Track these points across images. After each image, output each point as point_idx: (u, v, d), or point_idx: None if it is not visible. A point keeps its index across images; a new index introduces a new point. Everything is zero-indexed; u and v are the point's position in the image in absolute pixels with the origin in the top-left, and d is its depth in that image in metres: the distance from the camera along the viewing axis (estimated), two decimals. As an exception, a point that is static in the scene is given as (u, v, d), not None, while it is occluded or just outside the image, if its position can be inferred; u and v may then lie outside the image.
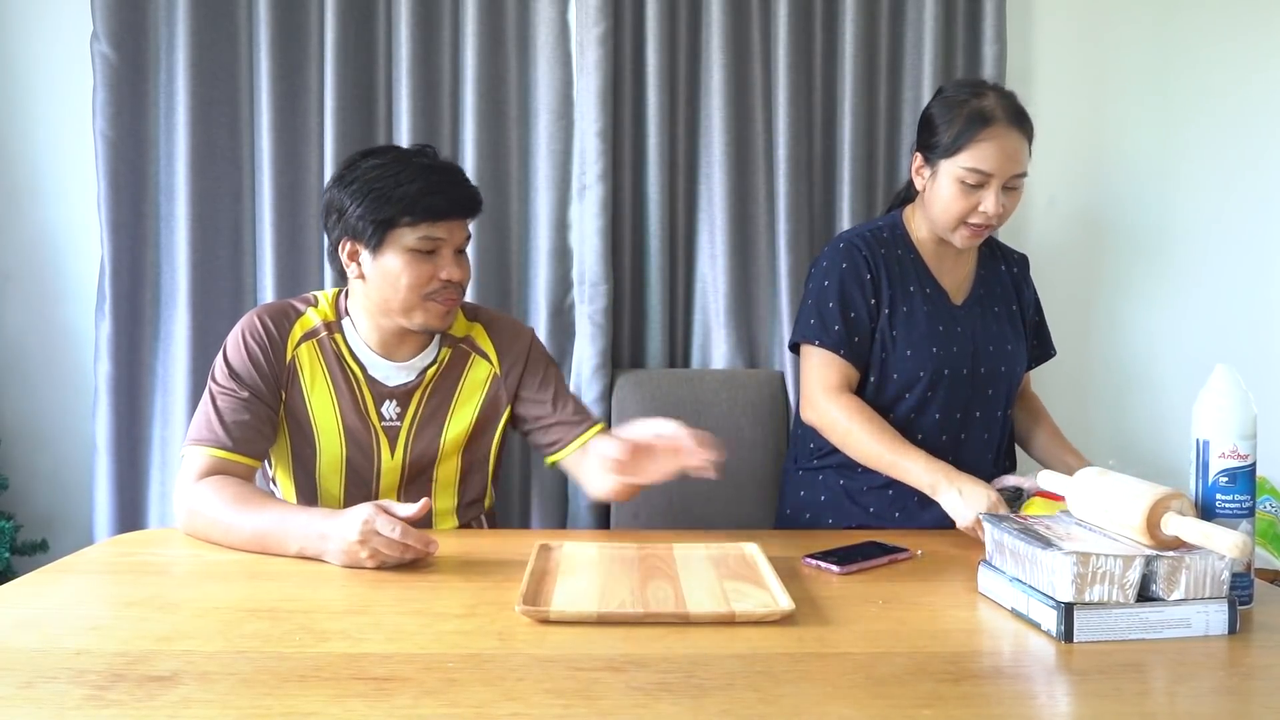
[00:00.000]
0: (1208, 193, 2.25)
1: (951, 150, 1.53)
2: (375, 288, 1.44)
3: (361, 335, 1.49)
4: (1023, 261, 1.77)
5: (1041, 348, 1.79)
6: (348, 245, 1.44)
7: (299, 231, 2.06)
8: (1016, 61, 2.16)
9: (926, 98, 2.09)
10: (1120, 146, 2.25)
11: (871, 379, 1.61)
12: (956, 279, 1.65)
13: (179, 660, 0.91)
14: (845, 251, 1.63)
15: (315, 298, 1.54)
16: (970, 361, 1.60)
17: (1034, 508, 1.36)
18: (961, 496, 1.39)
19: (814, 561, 1.25)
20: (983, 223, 1.55)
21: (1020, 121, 1.54)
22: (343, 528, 1.20)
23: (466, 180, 1.46)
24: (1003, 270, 1.71)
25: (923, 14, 2.10)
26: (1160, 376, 2.24)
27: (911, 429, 1.59)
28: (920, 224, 1.65)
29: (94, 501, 2.03)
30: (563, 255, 2.10)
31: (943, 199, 1.56)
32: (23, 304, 2.13)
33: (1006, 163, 1.51)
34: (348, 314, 1.51)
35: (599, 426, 1.54)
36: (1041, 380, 2.20)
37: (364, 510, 1.20)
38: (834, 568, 1.23)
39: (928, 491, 1.44)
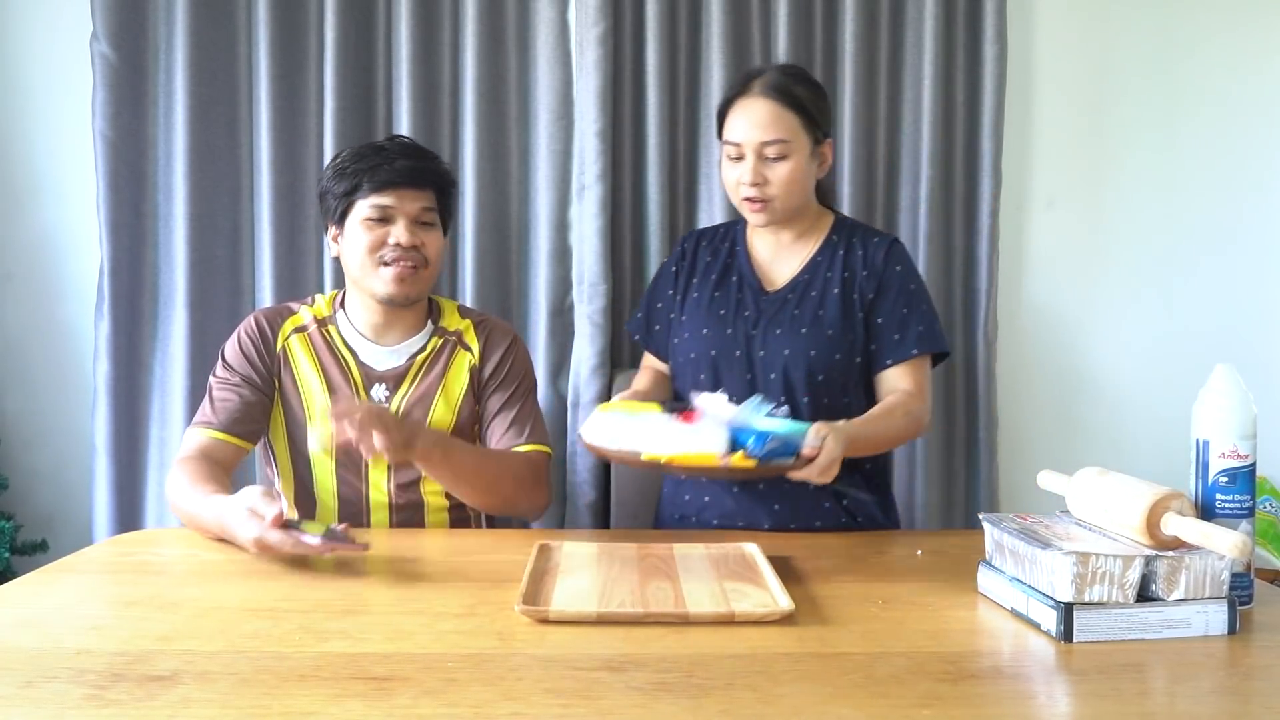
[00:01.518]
0: (1207, 192, 2.25)
1: (719, 129, 1.59)
2: (347, 262, 1.55)
3: (354, 323, 1.59)
4: (880, 245, 1.60)
5: (897, 344, 1.56)
6: (331, 229, 1.58)
7: (298, 232, 2.06)
8: (1016, 61, 2.16)
9: (927, 98, 2.10)
10: (1120, 146, 2.24)
11: (670, 364, 1.69)
12: (783, 269, 1.63)
13: (179, 660, 0.91)
14: (676, 247, 1.75)
15: (313, 298, 1.65)
16: (745, 345, 1.58)
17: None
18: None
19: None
20: (751, 196, 1.53)
21: (777, 93, 1.51)
22: (239, 529, 1.22)
23: (420, 155, 1.56)
24: (842, 255, 1.60)
25: (923, 14, 2.10)
26: (1160, 376, 2.24)
27: None
28: None
29: (93, 501, 2.03)
30: (562, 255, 2.10)
31: (722, 176, 1.59)
32: (22, 304, 2.13)
33: (752, 130, 1.51)
34: (343, 308, 1.61)
35: (530, 448, 1.56)
36: (1041, 380, 2.21)
37: (249, 525, 1.20)
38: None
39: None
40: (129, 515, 2.04)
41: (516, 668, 0.90)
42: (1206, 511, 1.07)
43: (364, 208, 1.51)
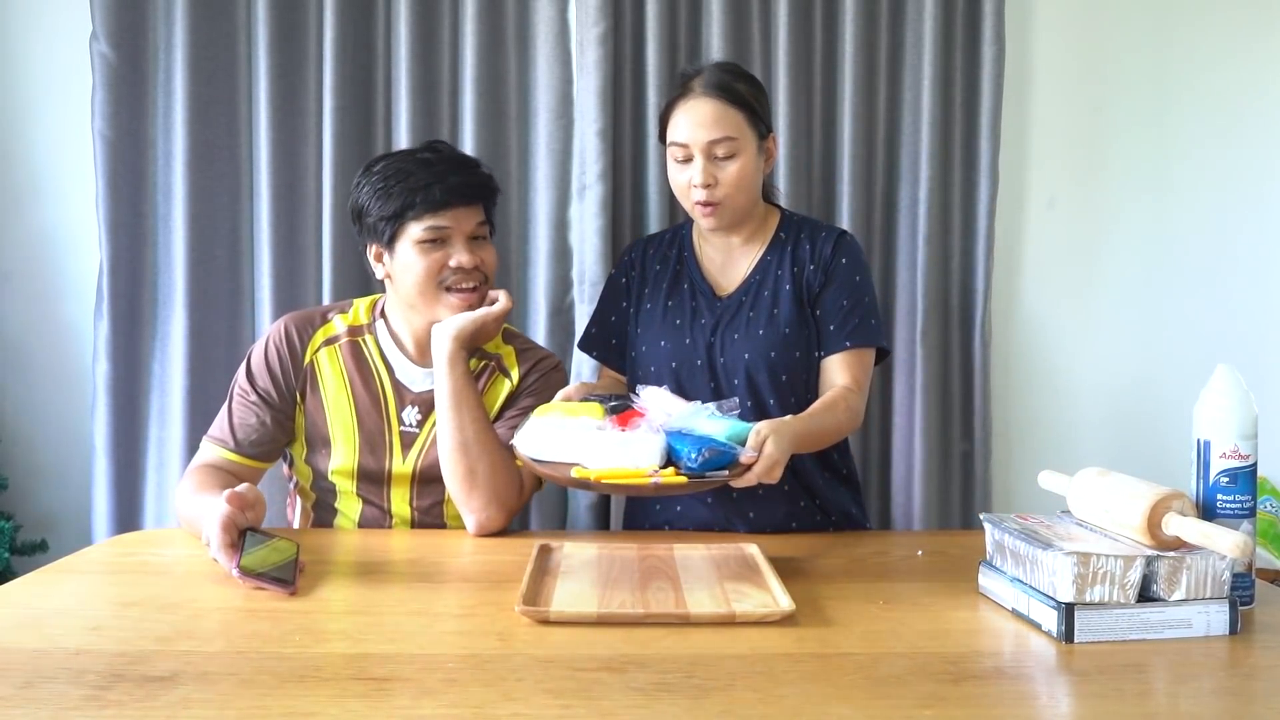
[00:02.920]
0: (1207, 193, 2.25)
1: (663, 132, 1.55)
2: (399, 285, 1.48)
3: (395, 334, 1.53)
4: (828, 239, 1.58)
5: (833, 334, 1.54)
6: (373, 248, 1.49)
7: (297, 231, 2.05)
8: (1016, 61, 2.16)
9: (926, 98, 2.10)
10: (1118, 147, 2.24)
11: (628, 378, 1.65)
12: (733, 273, 1.61)
13: (179, 660, 0.91)
14: (620, 258, 1.72)
15: (349, 305, 1.58)
16: (705, 353, 1.56)
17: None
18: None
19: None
20: (701, 199, 1.49)
21: (719, 90, 1.48)
22: (209, 533, 1.18)
23: (472, 168, 1.49)
24: (788, 251, 1.58)
25: (923, 14, 2.10)
26: (1161, 376, 2.24)
27: None
28: None
29: (93, 501, 2.03)
30: (563, 255, 2.10)
31: (670, 179, 1.56)
32: (22, 304, 2.13)
33: (697, 130, 1.48)
34: (383, 316, 1.55)
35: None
36: (1041, 381, 2.21)
37: (214, 532, 1.17)
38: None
39: None
40: (128, 515, 2.04)
41: (517, 668, 0.90)
42: (1207, 512, 1.07)
43: (417, 230, 1.43)
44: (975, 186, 2.15)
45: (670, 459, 1.16)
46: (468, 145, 2.05)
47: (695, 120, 1.49)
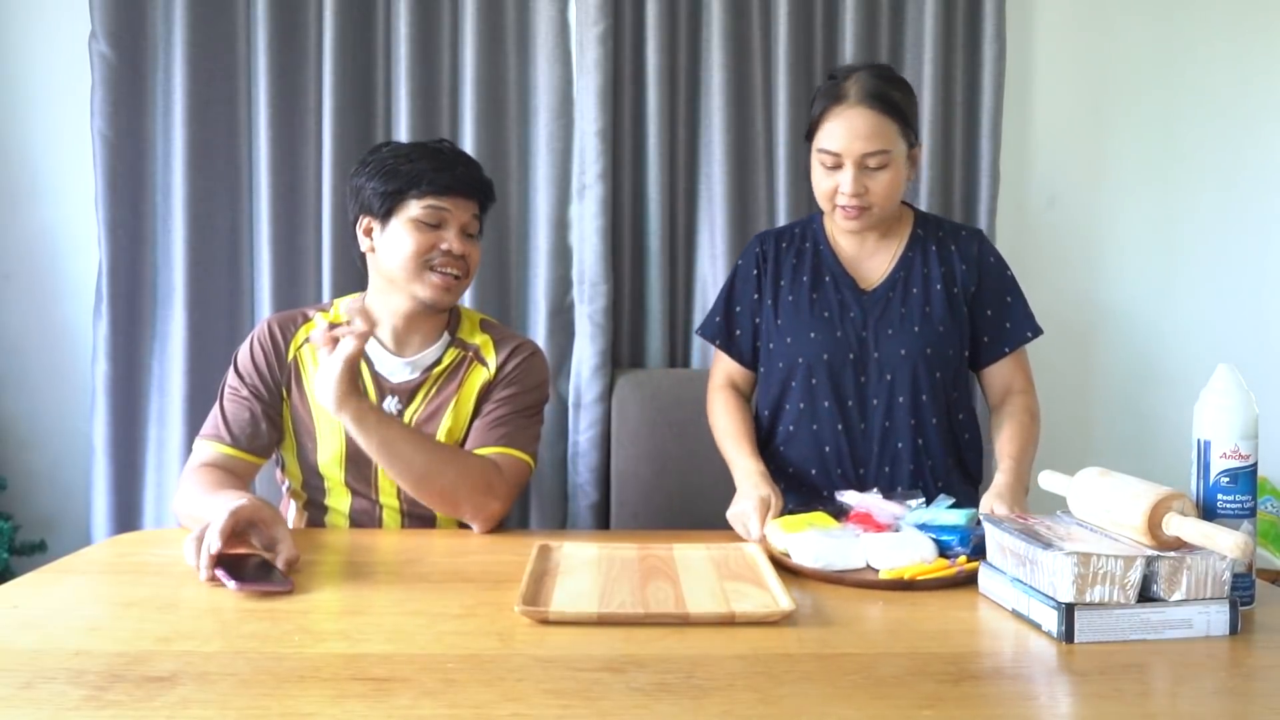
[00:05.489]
0: (1208, 192, 2.25)
1: (811, 132, 1.54)
2: (383, 259, 1.49)
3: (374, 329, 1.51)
4: (970, 238, 1.62)
5: (1010, 331, 1.60)
6: (364, 221, 1.52)
7: (296, 231, 2.05)
8: (1016, 61, 2.16)
9: (927, 98, 2.10)
10: (1120, 146, 2.24)
11: (761, 369, 1.66)
12: (874, 266, 1.61)
13: (178, 661, 0.91)
14: (746, 250, 1.71)
15: (330, 304, 1.60)
16: (858, 347, 1.57)
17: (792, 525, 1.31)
18: (736, 500, 1.44)
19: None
20: (848, 204, 1.50)
21: (875, 100, 1.47)
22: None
23: (474, 164, 1.55)
24: (933, 250, 1.60)
25: (923, 14, 2.10)
26: (1161, 376, 2.24)
27: (805, 418, 1.59)
28: None
29: (92, 501, 2.03)
30: (563, 255, 2.10)
31: (814, 181, 1.56)
32: (21, 304, 2.13)
33: (854, 141, 1.47)
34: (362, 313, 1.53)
35: (499, 450, 1.47)
36: (1040, 380, 2.20)
37: (212, 524, 1.17)
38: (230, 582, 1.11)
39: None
40: (127, 515, 2.04)
41: (516, 668, 0.90)
42: (1208, 512, 1.07)
43: (416, 208, 1.46)
44: (976, 186, 2.15)
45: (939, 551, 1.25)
46: (468, 145, 2.05)
47: (851, 131, 1.47)
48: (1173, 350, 2.24)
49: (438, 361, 1.53)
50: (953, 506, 1.32)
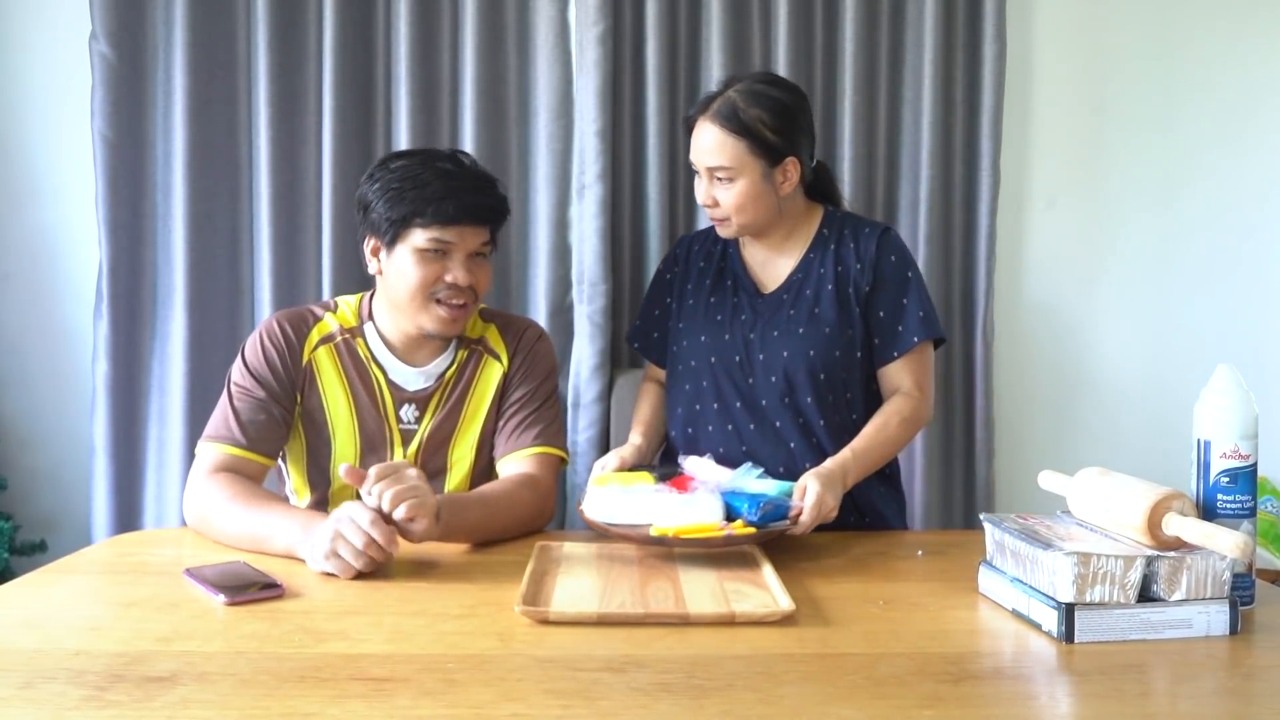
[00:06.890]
0: (1207, 191, 2.25)
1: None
2: (389, 284, 1.47)
3: (384, 338, 1.51)
4: (871, 236, 1.59)
5: (900, 334, 1.57)
6: (370, 241, 1.48)
7: (297, 232, 2.05)
8: (1016, 61, 2.16)
9: (927, 98, 2.10)
10: (1119, 146, 2.24)
11: (667, 370, 1.69)
12: (776, 270, 1.63)
13: (178, 661, 0.91)
14: (668, 252, 1.77)
15: (335, 303, 1.57)
16: (744, 349, 1.58)
17: None
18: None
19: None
20: (713, 216, 1.57)
21: (725, 120, 1.50)
22: (317, 536, 1.19)
23: (489, 188, 1.46)
24: (832, 250, 1.59)
25: (923, 14, 2.10)
26: (1161, 376, 2.23)
27: (700, 419, 1.61)
28: None
29: (92, 502, 2.02)
30: (562, 255, 2.10)
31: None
32: (21, 304, 2.12)
33: (700, 155, 1.54)
34: (371, 318, 1.53)
35: (535, 450, 1.49)
36: (1040, 380, 2.21)
37: (333, 521, 1.19)
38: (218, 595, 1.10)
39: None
40: (128, 516, 2.03)
41: (517, 669, 0.90)
42: (1208, 512, 1.07)
43: (420, 239, 1.41)
44: (976, 185, 2.15)
45: (729, 515, 1.27)
46: (468, 145, 2.05)
47: (698, 145, 1.54)
48: (1173, 350, 2.24)
49: (450, 364, 1.53)
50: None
